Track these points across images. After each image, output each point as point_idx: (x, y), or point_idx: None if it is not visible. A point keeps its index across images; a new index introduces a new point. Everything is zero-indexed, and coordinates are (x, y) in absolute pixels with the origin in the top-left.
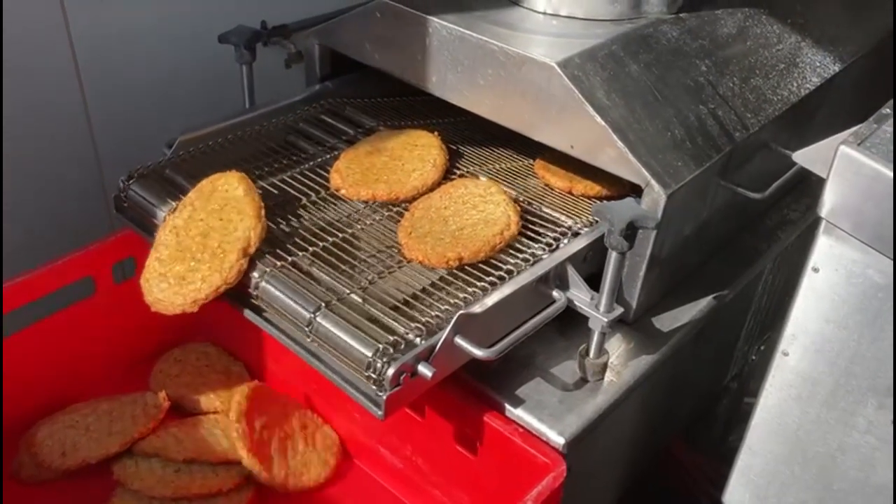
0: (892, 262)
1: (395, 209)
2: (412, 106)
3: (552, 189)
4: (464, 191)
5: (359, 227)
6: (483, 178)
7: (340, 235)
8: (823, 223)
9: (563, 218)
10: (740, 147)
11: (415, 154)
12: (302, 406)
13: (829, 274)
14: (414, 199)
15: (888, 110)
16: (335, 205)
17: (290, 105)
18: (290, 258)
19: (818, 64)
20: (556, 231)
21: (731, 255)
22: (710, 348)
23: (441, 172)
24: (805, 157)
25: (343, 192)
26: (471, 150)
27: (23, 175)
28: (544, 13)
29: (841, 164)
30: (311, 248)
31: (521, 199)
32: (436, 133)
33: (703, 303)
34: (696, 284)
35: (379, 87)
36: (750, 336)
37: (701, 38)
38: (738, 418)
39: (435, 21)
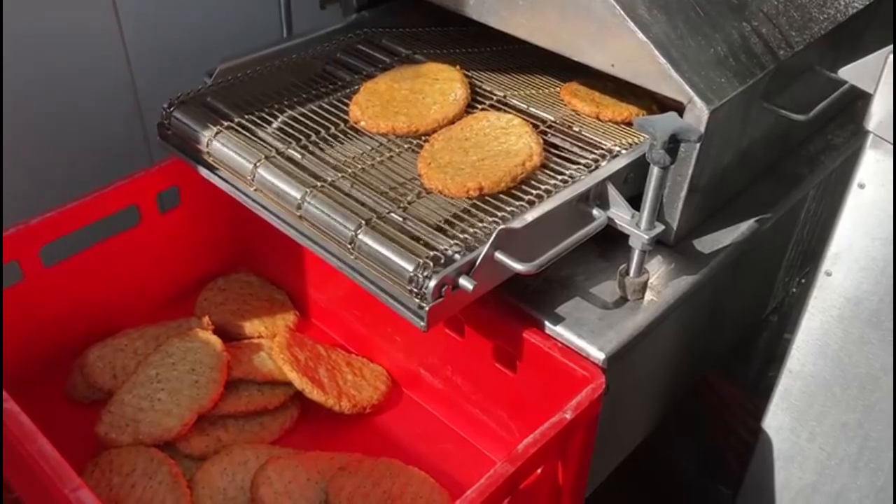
0: None
1: (415, 142)
2: (448, 35)
3: (579, 115)
4: (485, 123)
5: (378, 159)
6: (506, 113)
7: (360, 166)
8: (871, 137)
9: (603, 141)
10: (784, 66)
11: (436, 88)
12: (345, 350)
13: (876, 189)
14: (434, 132)
15: None
16: (356, 138)
17: (327, 34)
18: (328, 180)
19: None
20: (595, 153)
21: (773, 180)
22: (751, 277)
23: (462, 106)
24: (853, 72)
25: (362, 124)
26: (503, 79)
27: (62, 107)
28: None
29: (889, 75)
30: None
31: (559, 122)
32: (458, 66)
33: (745, 226)
34: (737, 208)
35: (415, 17)
36: (791, 267)
37: None
38: (778, 354)
39: None
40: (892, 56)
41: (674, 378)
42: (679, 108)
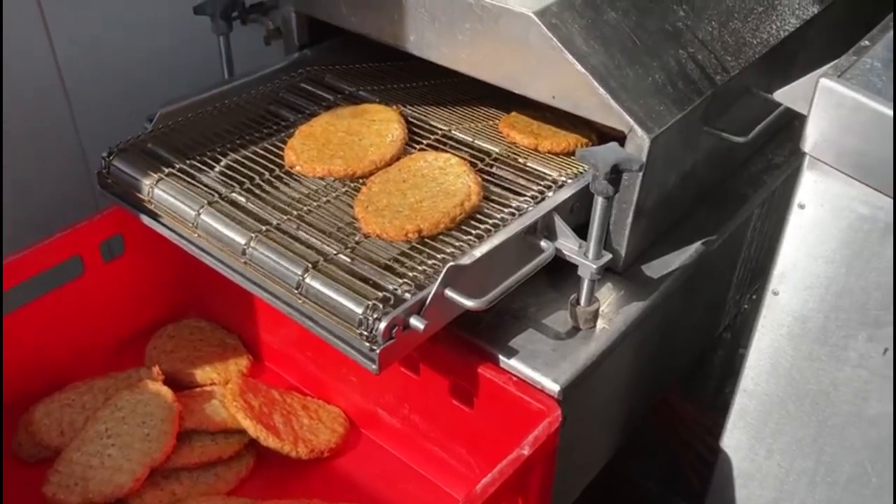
0: (875, 193)
1: (352, 185)
2: (391, 70)
3: (518, 147)
4: (423, 163)
5: (324, 199)
6: (444, 152)
7: (305, 208)
8: (807, 158)
9: (549, 171)
10: (721, 90)
11: (373, 129)
12: (300, 393)
13: (816, 209)
14: (372, 174)
15: (867, 42)
16: (299, 179)
17: (269, 74)
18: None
19: (797, 5)
20: (540, 184)
21: (717, 201)
22: (702, 297)
23: (399, 146)
24: (787, 94)
25: (298, 168)
26: (447, 112)
27: (5, 159)
28: None
29: (821, 97)
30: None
31: (504, 154)
32: (397, 106)
33: (692, 249)
34: (684, 231)
35: (358, 52)
36: (741, 285)
37: None
38: (733, 370)
39: None
40: (822, 79)
41: (631, 402)
42: (620, 137)
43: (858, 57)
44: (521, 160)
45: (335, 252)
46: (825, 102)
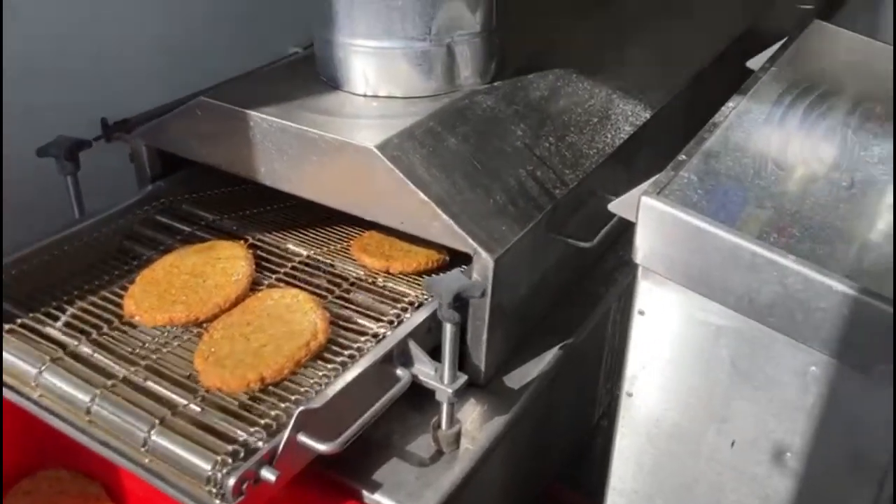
0: (707, 300)
1: (196, 331)
2: (247, 194)
3: (370, 270)
4: (270, 302)
5: (175, 344)
6: (291, 288)
7: (155, 356)
8: (640, 268)
9: (407, 291)
10: (562, 202)
11: (218, 268)
12: None
13: (655, 316)
14: (216, 317)
15: (684, 157)
16: (138, 331)
17: (124, 209)
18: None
19: (630, 113)
20: (398, 306)
21: (574, 301)
22: (571, 392)
23: (246, 284)
24: (619, 206)
25: (137, 319)
26: (307, 235)
27: None
28: (364, 95)
29: (644, 214)
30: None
31: (363, 277)
32: (242, 242)
33: (551, 354)
34: (543, 336)
35: (213, 180)
36: (610, 373)
37: (515, 103)
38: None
39: (255, 115)
40: (643, 197)
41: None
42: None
43: (676, 172)
44: (379, 281)
45: (184, 403)
46: (649, 218)
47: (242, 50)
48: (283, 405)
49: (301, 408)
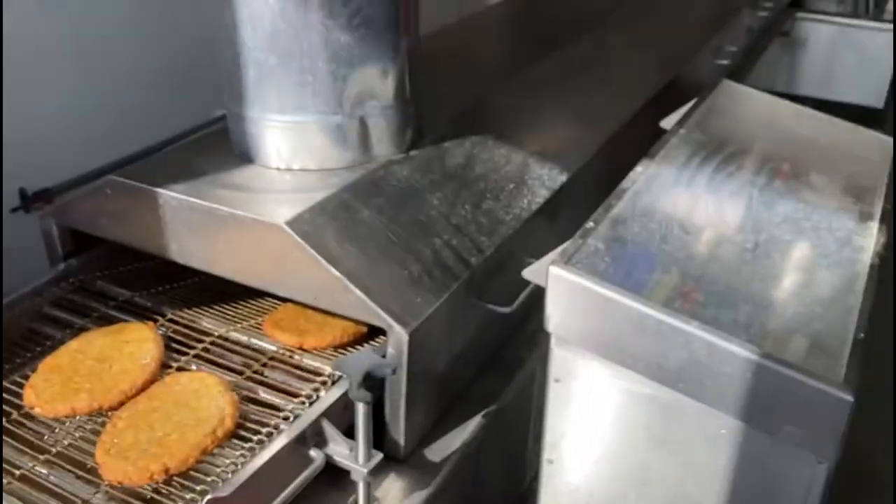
0: (619, 367)
1: (101, 420)
2: (165, 268)
3: (284, 346)
4: (177, 388)
5: (55, 450)
6: (199, 371)
7: (56, 449)
8: (553, 337)
9: (324, 367)
10: (479, 270)
11: (125, 353)
12: None
13: (570, 383)
14: (122, 404)
15: (592, 224)
16: (30, 426)
17: (34, 290)
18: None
19: (546, 177)
20: (315, 381)
21: (497, 367)
22: (499, 459)
23: (155, 368)
24: (533, 273)
25: (37, 410)
26: (223, 310)
27: None
28: (278, 168)
29: (553, 283)
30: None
31: (280, 353)
32: (151, 324)
33: (474, 423)
34: (466, 404)
35: (129, 255)
36: (539, 437)
37: (431, 172)
38: None
39: (165, 193)
40: (551, 266)
41: None
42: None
43: (584, 240)
44: (295, 357)
45: (92, 492)
46: (558, 287)
47: (167, 112)
48: (188, 496)
49: (209, 496)
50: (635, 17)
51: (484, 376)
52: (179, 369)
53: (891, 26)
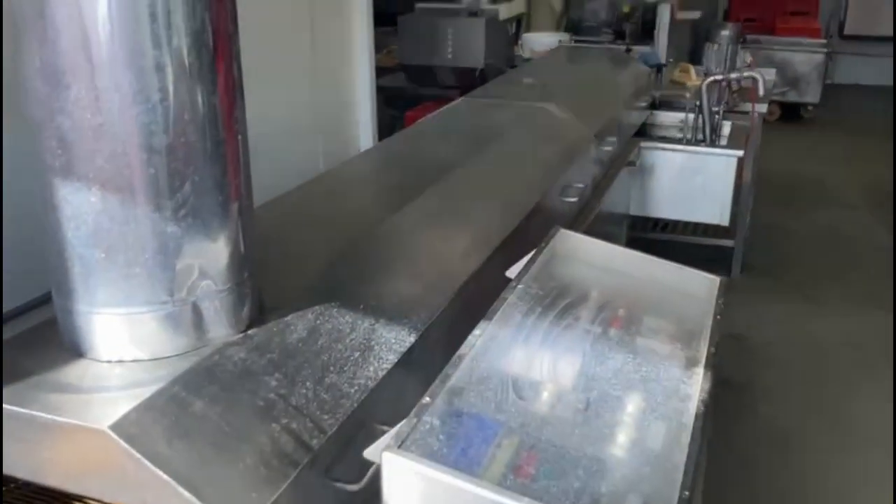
0: None
1: None
2: None
3: None
4: None
5: None
6: None
7: None
8: None
9: None
10: (321, 453)
11: None
12: None
13: None
14: None
15: (428, 399)
16: None
17: None
18: None
19: (394, 340)
20: None
21: None
22: None
23: None
24: (373, 453)
25: None
26: None
27: None
28: (109, 361)
29: (388, 469)
30: None
31: None
32: None
33: None
34: None
35: None
36: None
37: (270, 351)
38: None
39: None
40: (384, 452)
41: None
42: None
43: (419, 418)
44: None
45: None
46: (392, 474)
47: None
48: None
49: None
50: (483, 165)
51: None
52: None
53: (730, 151)
